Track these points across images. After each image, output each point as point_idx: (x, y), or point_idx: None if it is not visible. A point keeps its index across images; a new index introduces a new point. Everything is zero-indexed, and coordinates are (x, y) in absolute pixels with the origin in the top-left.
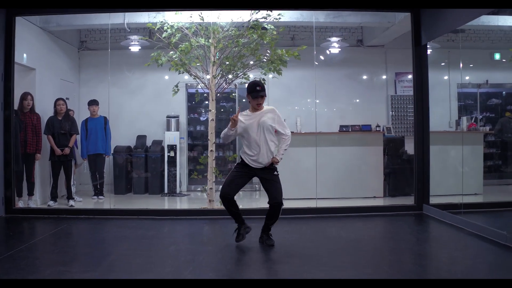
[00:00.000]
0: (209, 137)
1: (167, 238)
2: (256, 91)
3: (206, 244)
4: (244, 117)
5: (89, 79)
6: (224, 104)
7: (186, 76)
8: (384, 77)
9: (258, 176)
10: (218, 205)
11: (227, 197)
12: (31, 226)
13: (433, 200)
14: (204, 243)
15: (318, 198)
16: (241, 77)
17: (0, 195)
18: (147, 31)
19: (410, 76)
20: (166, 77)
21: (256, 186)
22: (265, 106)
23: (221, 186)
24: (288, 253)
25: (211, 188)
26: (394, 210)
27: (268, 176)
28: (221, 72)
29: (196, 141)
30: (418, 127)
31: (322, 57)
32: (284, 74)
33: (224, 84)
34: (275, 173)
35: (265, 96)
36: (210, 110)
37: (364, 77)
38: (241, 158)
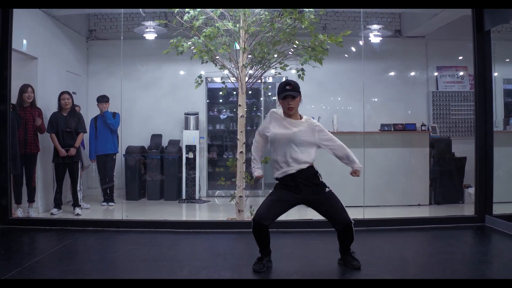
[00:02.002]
0: (238, 136)
1: (193, 259)
2: (284, 91)
3: (243, 267)
4: (278, 118)
5: (98, 71)
6: (247, 100)
7: (203, 71)
8: (424, 71)
9: (306, 199)
10: (249, 215)
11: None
12: (29, 241)
13: (495, 210)
14: (240, 267)
15: (363, 206)
16: (274, 67)
17: None
18: (164, 16)
19: (453, 71)
20: (183, 71)
21: None
22: (305, 117)
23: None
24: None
25: (240, 196)
26: (452, 222)
27: (322, 198)
28: (252, 61)
29: (215, 141)
30: (480, 126)
31: (353, 49)
32: (315, 68)
33: (255, 75)
34: (327, 189)
35: (298, 97)
36: (239, 105)
37: (403, 71)
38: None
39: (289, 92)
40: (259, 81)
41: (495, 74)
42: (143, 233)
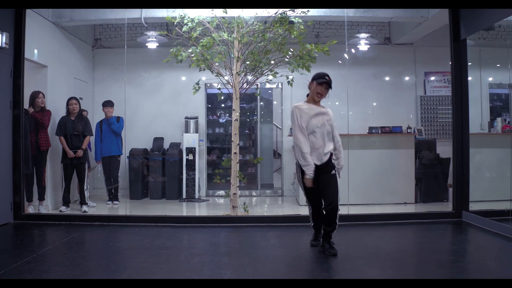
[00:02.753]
0: (232, 139)
1: (189, 248)
2: (323, 78)
3: (233, 255)
4: (306, 109)
5: (103, 78)
6: (244, 105)
7: (204, 77)
8: (413, 76)
9: (319, 174)
10: (242, 211)
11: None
12: (41, 233)
13: (471, 207)
14: (230, 254)
15: (348, 204)
16: (266, 74)
17: (8, 200)
18: (165, 27)
19: (440, 76)
20: (183, 78)
21: (279, 191)
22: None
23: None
24: (324, 267)
25: (234, 194)
26: (431, 218)
27: (326, 176)
28: (245, 69)
29: (215, 144)
30: (456, 128)
31: (346, 56)
32: (308, 73)
33: (248, 81)
34: (333, 171)
35: (331, 88)
36: (233, 110)
37: (392, 76)
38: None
39: (328, 80)
40: (254, 87)
41: (490, 79)
42: (146, 227)
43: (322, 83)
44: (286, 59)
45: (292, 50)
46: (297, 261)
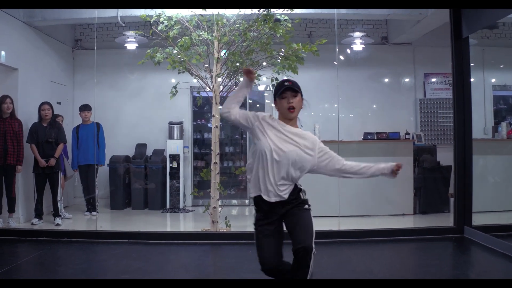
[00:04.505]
0: (212, 147)
1: (155, 272)
2: (282, 85)
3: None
4: (270, 126)
5: (84, 81)
6: None
7: (195, 80)
8: (411, 78)
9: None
10: (223, 226)
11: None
12: (5, 251)
13: (474, 220)
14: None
15: (340, 216)
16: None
17: None
18: (144, 26)
19: (441, 78)
20: (173, 80)
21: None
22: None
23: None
24: None
25: (214, 207)
26: (430, 234)
27: (293, 212)
28: (226, 70)
29: (204, 150)
30: (458, 134)
31: (342, 57)
32: (299, 75)
33: (229, 84)
34: (306, 206)
35: (298, 95)
36: (213, 116)
37: (390, 78)
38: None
39: (288, 84)
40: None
41: (493, 80)
42: (116, 244)
43: (284, 92)
44: (274, 60)
45: (277, 50)
46: None
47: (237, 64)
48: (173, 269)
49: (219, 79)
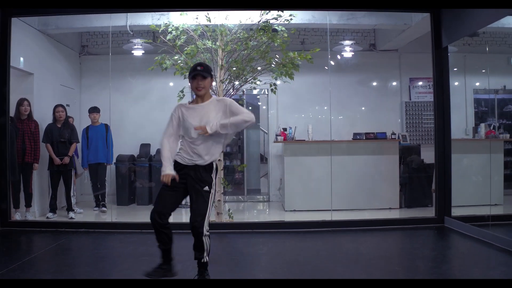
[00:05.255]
0: None
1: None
2: (195, 70)
3: (216, 261)
4: (183, 112)
5: (91, 85)
6: None
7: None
8: (398, 82)
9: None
10: (227, 218)
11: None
12: (27, 240)
13: (454, 212)
14: (213, 260)
15: (331, 210)
16: (250, 81)
17: None
18: (151, 34)
19: (425, 82)
20: (171, 83)
21: (266, 196)
22: (216, 97)
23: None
24: (304, 273)
25: (219, 200)
26: (413, 223)
27: (196, 190)
28: (229, 76)
29: None
30: (438, 134)
31: (332, 62)
32: (294, 79)
33: (231, 90)
34: (206, 188)
35: (209, 77)
36: None
37: (377, 82)
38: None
39: (200, 70)
40: (240, 93)
41: (477, 84)
42: (131, 234)
43: (195, 76)
44: (272, 66)
45: (277, 57)
46: (279, 267)
47: (239, 70)
48: (188, 253)
49: (223, 84)
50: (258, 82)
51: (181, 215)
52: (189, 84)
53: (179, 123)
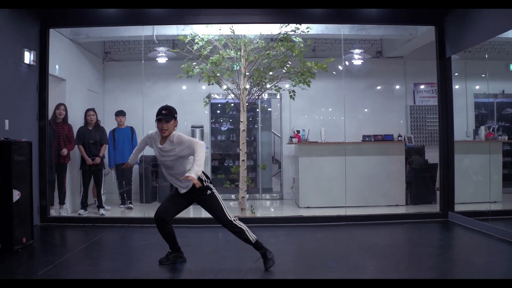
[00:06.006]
0: (240, 147)
1: (208, 245)
2: (160, 114)
3: (241, 251)
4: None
5: (113, 89)
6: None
7: (204, 86)
8: (403, 87)
9: (195, 200)
10: (249, 213)
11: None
12: (71, 234)
13: (456, 208)
14: (245, 249)
15: (345, 207)
16: (271, 88)
17: (35, 204)
18: (171, 42)
19: (428, 87)
20: (184, 87)
21: (278, 194)
22: (174, 134)
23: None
24: (328, 259)
25: (243, 197)
26: (420, 218)
27: (202, 199)
28: (251, 84)
29: (217, 151)
30: (442, 136)
31: (340, 67)
32: (308, 88)
33: (254, 95)
34: (208, 192)
35: (171, 121)
36: (241, 121)
37: (384, 87)
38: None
39: (164, 115)
40: (258, 99)
41: (477, 87)
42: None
43: (160, 120)
44: (290, 74)
45: (293, 67)
46: (304, 256)
47: (260, 78)
48: (223, 243)
49: (247, 90)
50: (276, 90)
51: (201, 211)
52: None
53: (148, 144)
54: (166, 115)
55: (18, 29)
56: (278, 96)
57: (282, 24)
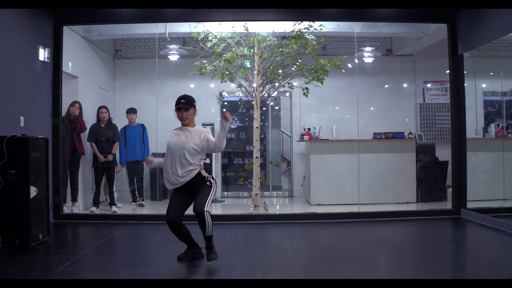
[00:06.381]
0: (254, 144)
1: (225, 242)
2: (178, 103)
3: (271, 248)
4: (174, 133)
5: (123, 87)
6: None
7: (212, 84)
8: (412, 85)
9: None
10: (263, 210)
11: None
12: (85, 231)
13: (468, 205)
14: (271, 247)
15: (358, 204)
16: (284, 85)
17: (49, 201)
18: (181, 40)
19: (438, 85)
20: (192, 85)
21: (288, 192)
22: (198, 127)
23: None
24: (349, 255)
25: (256, 194)
26: (432, 214)
27: (197, 189)
28: (263, 81)
29: (226, 149)
30: (455, 134)
31: (350, 65)
32: (321, 86)
33: (267, 93)
34: (207, 183)
35: (191, 109)
36: (255, 118)
37: (393, 85)
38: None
39: (183, 104)
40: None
41: (483, 85)
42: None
43: (179, 109)
44: (302, 72)
45: (305, 64)
46: (325, 252)
47: (274, 76)
48: (241, 239)
49: (260, 88)
50: (290, 88)
51: (214, 209)
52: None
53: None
54: (185, 103)
55: (33, 26)
56: (287, 94)
57: (295, 22)
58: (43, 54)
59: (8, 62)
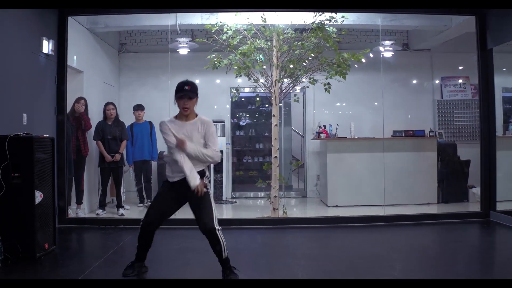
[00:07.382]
0: (272, 143)
1: (245, 249)
2: (181, 91)
3: (301, 257)
4: (172, 126)
5: (129, 82)
6: (264, 108)
7: (218, 80)
8: (430, 81)
9: (188, 198)
10: (281, 213)
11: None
12: (93, 237)
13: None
14: (297, 256)
15: (384, 205)
16: (306, 80)
17: (55, 205)
18: (190, 32)
19: (458, 81)
20: (197, 80)
21: (300, 192)
22: (201, 116)
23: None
24: (372, 263)
25: (275, 196)
26: (459, 217)
27: (194, 195)
28: (282, 76)
29: (236, 147)
30: (484, 133)
31: (363, 60)
32: (344, 80)
33: (287, 87)
34: (205, 189)
35: (194, 98)
36: (273, 115)
37: (410, 81)
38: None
39: (187, 91)
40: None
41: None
42: (188, 230)
43: (182, 97)
44: (323, 66)
45: (326, 58)
46: (359, 261)
47: (295, 70)
48: (260, 247)
49: (279, 83)
50: (312, 83)
51: (225, 210)
52: (176, 103)
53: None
54: (189, 91)
55: (36, 16)
56: (298, 90)
57: (316, 13)
58: (47, 46)
59: (10, 54)
